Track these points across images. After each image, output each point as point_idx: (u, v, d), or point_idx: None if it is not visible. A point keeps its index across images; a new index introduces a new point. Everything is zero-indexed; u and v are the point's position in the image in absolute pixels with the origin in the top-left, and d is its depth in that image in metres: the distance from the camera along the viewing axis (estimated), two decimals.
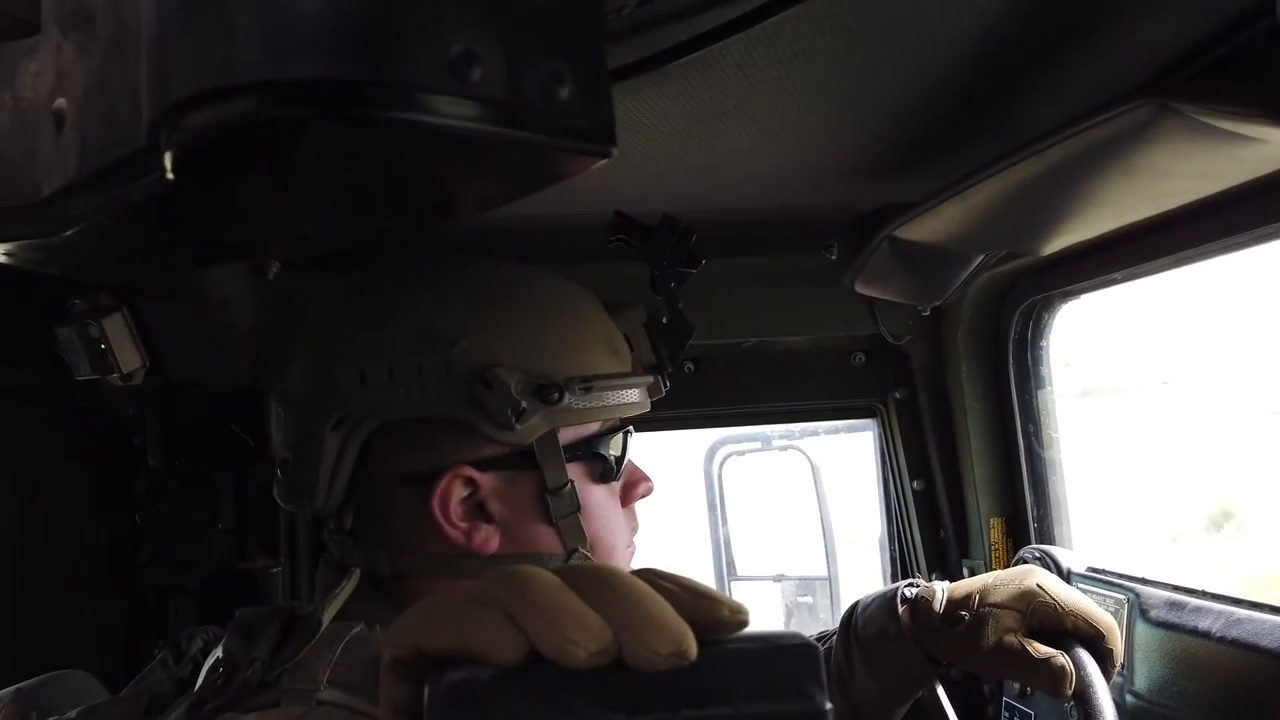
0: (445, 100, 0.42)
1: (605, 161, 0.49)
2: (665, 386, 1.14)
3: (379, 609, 0.94)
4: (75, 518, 1.64)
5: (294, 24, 0.41)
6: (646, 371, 1.10)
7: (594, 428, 1.01)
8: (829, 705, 0.43)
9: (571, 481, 0.97)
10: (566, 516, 0.97)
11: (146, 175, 0.47)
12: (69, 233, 0.56)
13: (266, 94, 0.41)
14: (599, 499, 1.01)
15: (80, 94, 0.51)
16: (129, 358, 1.26)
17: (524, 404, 0.92)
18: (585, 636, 0.41)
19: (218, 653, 0.98)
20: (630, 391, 1.03)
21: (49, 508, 1.64)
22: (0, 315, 1.45)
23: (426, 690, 0.42)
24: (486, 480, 0.95)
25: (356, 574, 0.95)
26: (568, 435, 0.98)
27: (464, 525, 0.95)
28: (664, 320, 1.14)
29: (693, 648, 0.42)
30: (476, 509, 0.96)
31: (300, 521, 1.64)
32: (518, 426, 0.92)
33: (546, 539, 0.97)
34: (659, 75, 0.86)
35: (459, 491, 0.94)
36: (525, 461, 0.96)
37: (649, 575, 0.46)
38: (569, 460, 0.97)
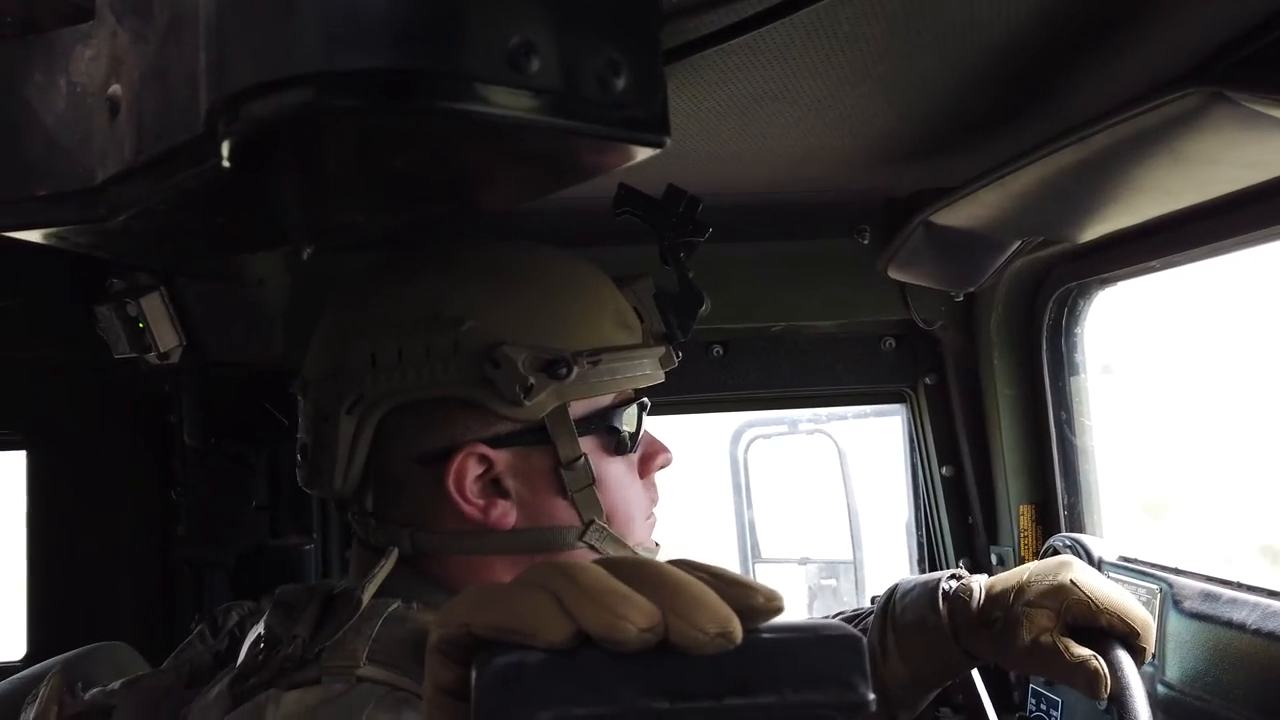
0: (502, 91, 0.42)
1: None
2: (677, 357, 1.13)
3: (416, 586, 0.96)
4: (113, 494, 1.67)
5: (353, 15, 0.41)
6: (658, 342, 1.09)
7: (606, 401, 1.01)
8: (872, 696, 0.44)
9: (585, 455, 0.98)
10: (582, 490, 0.98)
11: (203, 163, 0.47)
12: (122, 218, 0.57)
13: (326, 84, 0.41)
14: (615, 471, 1.02)
15: (135, 81, 0.52)
16: (166, 337, 1.27)
17: (532, 380, 0.93)
18: (635, 613, 0.42)
19: (259, 629, 0.99)
20: (641, 363, 1.03)
21: (88, 484, 1.66)
22: (42, 294, 1.47)
23: (474, 672, 0.43)
24: (500, 457, 0.96)
25: (395, 553, 0.96)
26: (579, 409, 0.98)
27: (480, 502, 0.96)
28: (674, 291, 1.13)
29: (738, 630, 0.42)
30: (492, 485, 0.97)
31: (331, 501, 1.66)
32: (526, 403, 0.93)
33: (563, 512, 0.98)
34: (699, 60, 0.85)
35: (474, 469, 0.95)
36: (538, 437, 0.96)
37: (684, 565, 0.47)
38: (582, 434, 0.98)
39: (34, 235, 0.64)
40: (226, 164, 0.46)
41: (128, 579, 1.66)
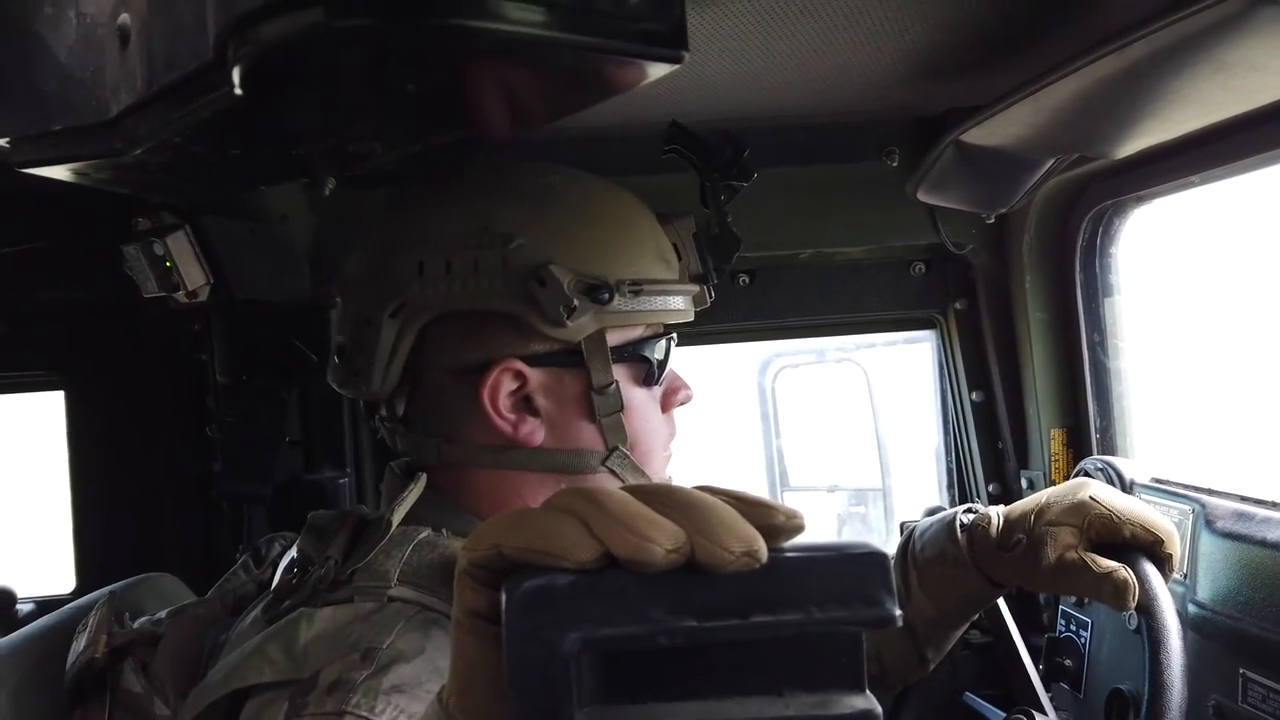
0: (512, 6, 0.41)
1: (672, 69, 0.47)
2: (710, 297, 1.15)
3: (444, 513, 0.98)
4: (151, 431, 1.70)
5: None
6: (693, 281, 1.11)
7: (639, 331, 1.03)
8: (899, 612, 0.44)
9: (616, 381, 1.00)
10: (610, 415, 1.00)
11: (214, 91, 0.47)
12: (138, 151, 0.56)
13: (334, 4, 0.40)
14: (641, 401, 1.04)
15: (144, 8, 0.51)
16: (193, 275, 1.28)
17: (575, 302, 0.95)
18: (661, 535, 0.43)
19: (292, 553, 1.02)
20: (677, 298, 1.05)
21: (126, 422, 1.70)
22: (68, 236, 1.48)
23: (504, 595, 0.43)
24: (535, 375, 0.98)
25: (423, 479, 0.99)
26: (614, 337, 1.00)
27: (511, 417, 0.98)
28: (713, 232, 1.15)
29: (764, 549, 0.43)
30: (524, 403, 0.99)
31: (365, 433, 1.68)
32: (568, 323, 0.95)
33: (589, 436, 1.01)
34: None
35: (508, 384, 0.97)
36: (573, 359, 0.99)
37: (706, 490, 0.47)
38: (614, 361, 1.00)
39: (55, 172, 0.64)
40: (239, 92, 0.46)
41: (169, 514, 1.70)
